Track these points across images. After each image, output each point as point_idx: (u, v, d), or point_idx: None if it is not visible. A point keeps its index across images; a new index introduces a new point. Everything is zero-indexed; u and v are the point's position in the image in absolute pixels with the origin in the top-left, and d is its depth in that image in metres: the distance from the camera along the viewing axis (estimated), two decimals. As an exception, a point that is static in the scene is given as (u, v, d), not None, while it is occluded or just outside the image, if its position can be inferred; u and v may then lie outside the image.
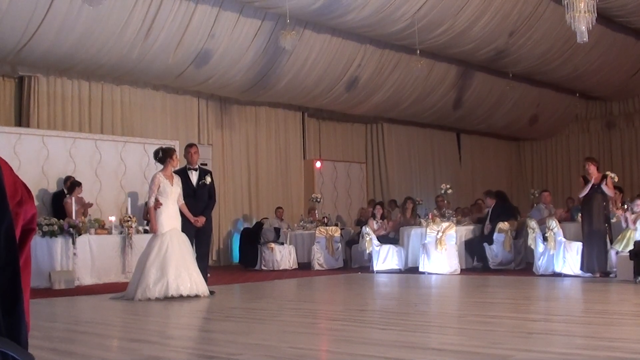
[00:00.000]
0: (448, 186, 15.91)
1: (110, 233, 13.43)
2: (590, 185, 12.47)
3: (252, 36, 15.35)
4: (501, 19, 16.49)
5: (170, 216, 9.93)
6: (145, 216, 13.54)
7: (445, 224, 14.49)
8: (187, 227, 10.16)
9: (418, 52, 16.43)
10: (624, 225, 12.62)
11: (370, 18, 15.12)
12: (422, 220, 15.14)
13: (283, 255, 16.18)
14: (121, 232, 13.41)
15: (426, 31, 16.05)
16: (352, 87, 18.13)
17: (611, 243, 12.41)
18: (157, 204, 9.92)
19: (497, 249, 15.07)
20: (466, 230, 15.52)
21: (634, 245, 11.57)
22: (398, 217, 16.75)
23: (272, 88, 17.29)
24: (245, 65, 16.04)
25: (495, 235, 15.05)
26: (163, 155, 10.13)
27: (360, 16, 14.94)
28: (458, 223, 15.38)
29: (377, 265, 14.97)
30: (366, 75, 17.99)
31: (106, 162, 15.04)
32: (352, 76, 17.77)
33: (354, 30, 16.12)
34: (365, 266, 15.43)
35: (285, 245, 16.46)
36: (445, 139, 23.94)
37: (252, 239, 16.81)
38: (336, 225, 17.15)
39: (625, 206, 12.95)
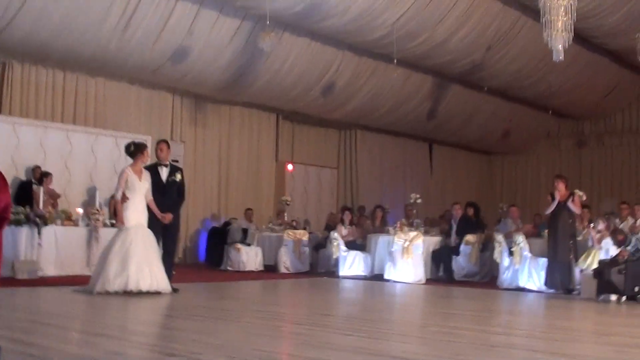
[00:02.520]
0: (418, 196, 15.98)
1: (76, 225, 13.32)
2: (555, 202, 12.59)
3: (231, 36, 15.32)
4: (479, 33, 16.60)
5: (136, 211, 9.87)
6: (113, 210, 13.44)
7: (412, 233, 14.55)
8: (154, 223, 10.09)
9: (395, 61, 16.49)
10: (589, 243, 12.76)
11: (350, 24, 15.16)
12: (390, 229, 15.19)
13: (249, 257, 16.11)
14: (88, 225, 13.31)
15: (404, 41, 16.11)
16: (328, 92, 18.16)
17: (576, 261, 12.54)
18: (124, 198, 9.86)
19: (463, 261, 15.18)
20: (433, 241, 15.60)
21: (598, 264, 11.70)
22: (367, 223, 16.79)
23: (248, 88, 17.26)
24: (223, 65, 16.00)
25: (462, 247, 15.16)
26: (134, 150, 10.07)
27: (340, 22, 14.97)
28: (426, 233, 15.46)
29: (343, 271, 15.00)
30: (343, 81, 18.01)
31: (77, 153, 14.91)
32: (328, 81, 17.79)
33: (333, 36, 16.15)
34: (331, 271, 15.44)
35: (252, 246, 16.40)
36: (418, 149, 24.02)
37: (220, 239, 16.73)
38: (304, 229, 17.14)
39: (592, 225, 13.10)
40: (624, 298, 11.04)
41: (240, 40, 15.48)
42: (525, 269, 13.28)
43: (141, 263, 9.60)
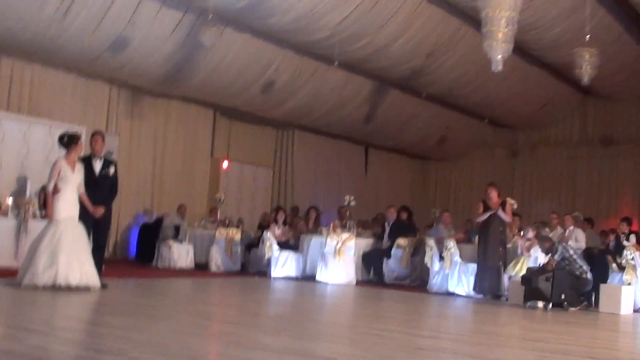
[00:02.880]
0: (352, 198, 16.05)
1: (5, 215, 13.02)
2: (489, 212, 12.84)
3: (172, 28, 15.14)
4: (420, 40, 16.73)
5: (68, 203, 9.69)
6: (43, 201, 13.16)
7: (345, 235, 14.64)
8: (85, 216, 9.91)
9: (336, 63, 16.55)
10: (519, 251, 13.02)
11: (292, 24, 15.13)
12: (323, 230, 15.23)
13: (181, 254, 15.94)
14: (17, 216, 13.02)
15: (346, 44, 16.16)
16: (267, 90, 18.10)
17: (505, 267, 12.77)
18: (56, 190, 9.67)
19: (394, 264, 15.31)
20: (365, 243, 15.71)
21: (527, 271, 11.94)
22: (300, 224, 16.80)
23: (186, 82, 17.10)
24: (162, 57, 15.82)
25: (394, 251, 15.30)
26: (68, 141, 9.89)
27: (283, 21, 14.94)
28: (358, 235, 15.55)
29: (275, 271, 14.98)
30: (282, 80, 17.98)
31: (8, 141, 14.58)
32: (268, 79, 17.73)
33: (276, 34, 16.10)
34: (263, 271, 15.39)
35: (184, 243, 16.25)
36: (354, 151, 24.12)
37: (151, 235, 16.56)
38: (237, 227, 17.06)
39: (522, 233, 13.36)
40: (550, 305, 11.30)
41: (182, 34, 15.33)
42: (455, 274, 13.50)
43: (71, 257, 9.43)
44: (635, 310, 11.71)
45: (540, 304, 11.35)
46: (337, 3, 14.09)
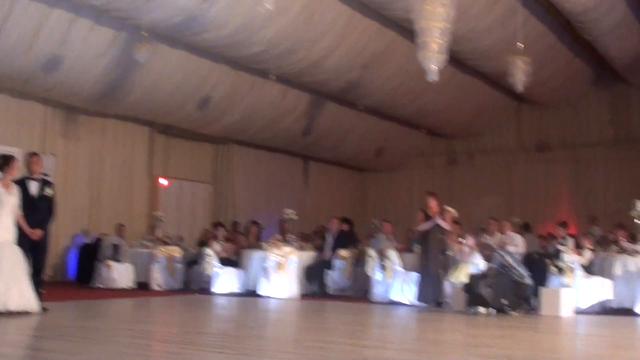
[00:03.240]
0: (292, 211, 16.03)
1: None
2: (432, 222, 12.96)
3: (106, 46, 14.98)
4: (356, 53, 16.83)
5: (3, 227, 9.46)
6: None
7: (287, 249, 14.62)
8: (22, 239, 9.70)
9: (272, 77, 16.56)
10: (459, 258, 13.15)
11: (228, 38, 15.08)
12: (265, 244, 15.19)
13: (121, 274, 15.72)
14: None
15: (282, 57, 16.17)
16: (204, 106, 18.01)
17: (446, 274, 12.89)
18: (-9, 214, 9.45)
19: (336, 276, 15.34)
20: (307, 256, 15.70)
21: (469, 277, 12.06)
22: (241, 239, 16.72)
23: (121, 101, 16.92)
24: (96, 75, 15.63)
25: (336, 262, 15.33)
26: (3, 163, 9.69)
27: (218, 36, 14.88)
28: (300, 248, 15.54)
29: (217, 288, 14.89)
30: (219, 96, 17.91)
31: (-62, 165, 14.22)
32: (204, 95, 17.65)
33: (211, 50, 16.04)
34: (204, 288, 15.27)
35: (123, 263, 16.02)
36: (293, 165, 24.13)
37: (90, 255, 16.31)
38: (177, 245, 16.90)
39: (462, 240, 13.50)
40: (492, 310, 11.43)
41: (116, 51, 15.17)
42: (397, 283, 13.58)
43: (9, 282, 9.22)
44: (575, 312, 11.90)
45: (483, 309, 11.48)
46: (271, 17, 14.10)
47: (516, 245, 14.29)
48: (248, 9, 13.69)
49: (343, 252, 15.35)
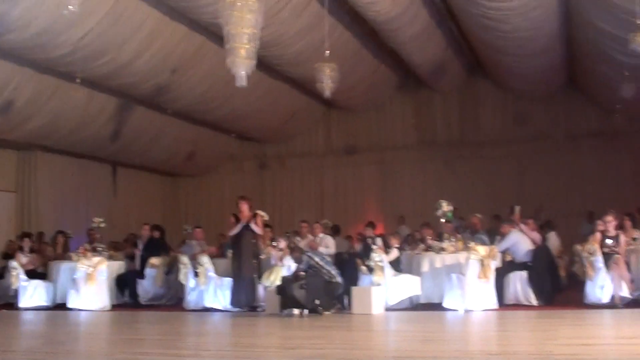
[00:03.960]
0: (101, 220, 15.60)
1: None
2: (241, 225, 13.00)
3: None
4: (164, 56, 16.57)
5: None
6: None
7: (96, 259, 14.20)
8: None
9: (78, 80, 16.02)
10: (272, 261, 13.27)
11: (32, 40, 14.40)
12: (73, 255, 14.69)
13: None
14: None
15: (88, 60, 15.65)
16: (5, 110, 17.11)
17: (260, 278, 12.97)
18: None
19: (148, 285, 15.04)
20: (118, 265, 15.33)
21: (282, 280, 12.19)
22: (48, 250, 16.07)
23: None
24: None
25: (147, 271, 15.03)
26: None
27: (22, 37, 14.17)
28: (110, 258, 15.14)
29: (24, 302, 14.26)
30: (22, 100, 17.06)
31: None
32: (6, 99, 16.79)
33: (14, 52, 15.24)
34: (10, 303, 14.54)
35: None
36: (101, 171, 23.42)
37: None
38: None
39: (274, 243, 13.63)
40: (306, 311, 11.62)
41: None
42: (211, 289, 13.53)
43: None
44: (386, 309, 12.29)
45: (296, 311, 11.64)
46: (78, 19, 13.62)
47: (327, 246, 14.60)
48: (53, 10, 13.17)
49: (154, 260, 15.08)
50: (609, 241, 12.21)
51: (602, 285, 11.91)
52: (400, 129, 23.75)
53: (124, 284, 15.10)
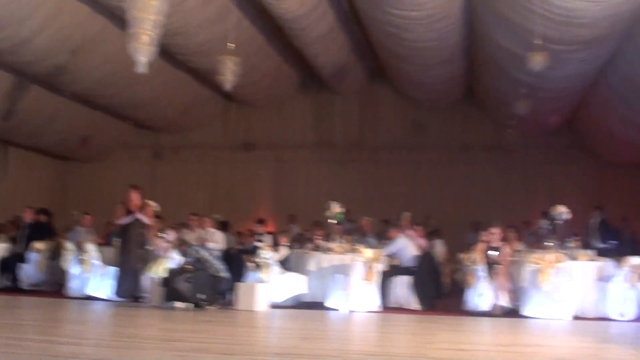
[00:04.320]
0: (-12, 200, 15.18)
1: None
2: (132, 215, 12.85)
3: None
4: (65, 36, 16.17)
5: None
6: None
7: (-22, 240, 13.81)
8: None
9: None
10: (159, 253, 13.17)
11: None
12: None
13: None
14: None
15: (-17, 34, 15.19)
16: None
17: (145, 269, 12.85)
18: None
19: (30, 269, 14.69)
20: (2, 248, 14.94)
21: (168, 272, 12.12)
22: None
23: None
24: None
25: (31, 255, 14.69)
26: None
27: None
28: (-5, 240, 14.75)
29: None
30: None
31: None
32: None
33: None
34: None
35: None
36: (-8, 150, 22.76)
37: None
38: None
39: (162, 234, 13.54)
40: (190, 305, 11.57)
41: None
42: (95, 277, 13.33)
43: None
44: (271, 306, 12.35)
45: (180, 304, 11.58)
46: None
47: (216, 241, 14.57)
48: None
49: (38, 245, 14.74)
50: (492, 252, 12.60)
51: (481, 293, 12.31)
52: (299, 129, 23.88)
53: (7, 267, 14.73)
